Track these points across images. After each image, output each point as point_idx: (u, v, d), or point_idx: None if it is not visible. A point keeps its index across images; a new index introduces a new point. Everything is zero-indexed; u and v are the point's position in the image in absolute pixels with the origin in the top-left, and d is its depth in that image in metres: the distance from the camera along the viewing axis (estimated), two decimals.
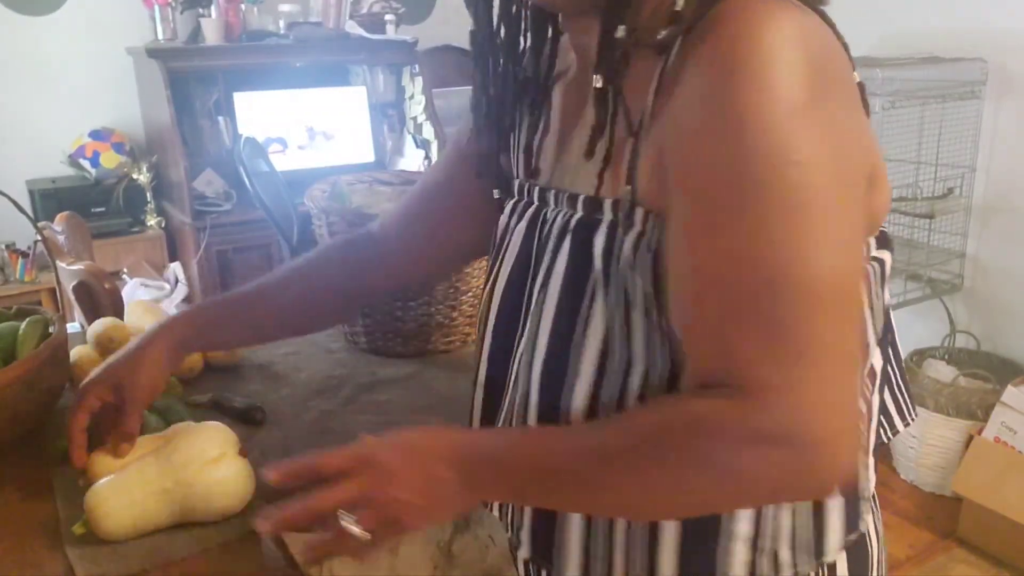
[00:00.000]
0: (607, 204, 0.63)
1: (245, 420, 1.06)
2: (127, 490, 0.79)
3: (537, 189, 0.72)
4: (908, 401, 0.78)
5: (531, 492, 0.62)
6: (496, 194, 0.78)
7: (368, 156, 3.44)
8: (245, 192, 2.75)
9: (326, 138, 3.35)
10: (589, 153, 0.64)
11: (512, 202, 0.76)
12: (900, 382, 0.76)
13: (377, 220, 0.98)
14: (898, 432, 0.76)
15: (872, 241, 0.66)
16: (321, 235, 1.28)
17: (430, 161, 3.36)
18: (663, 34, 0.58)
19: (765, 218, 0.52)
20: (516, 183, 0.76)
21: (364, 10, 3.33)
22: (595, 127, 0.63)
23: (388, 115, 3.55)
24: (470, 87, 0.78)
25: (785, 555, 0.64)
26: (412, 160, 3.44)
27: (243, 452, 0.84)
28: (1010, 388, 2.29)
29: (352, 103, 3.42)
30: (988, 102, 2.49)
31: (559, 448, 0.60)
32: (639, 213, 0.60)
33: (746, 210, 0.53)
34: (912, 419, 0.78)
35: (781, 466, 0.52)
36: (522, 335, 0.70)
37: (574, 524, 0.67)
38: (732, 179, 0.53)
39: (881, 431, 0.74)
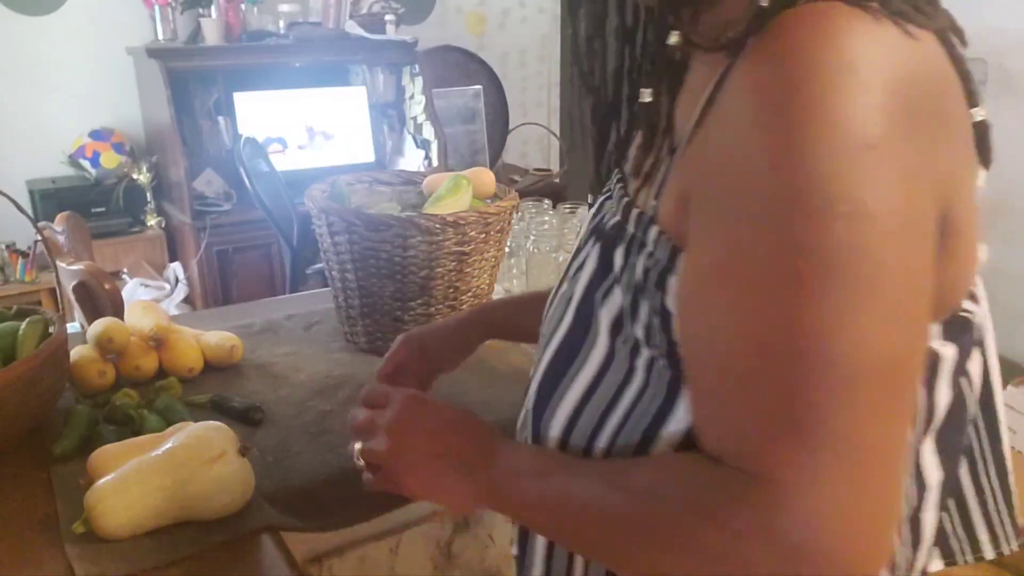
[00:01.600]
0: (633, 215, 0.59)
1: (244, 420, 1.06)
2: (127, 489, 0.79)
3: (619, 183, 0.69)
4: (1005, 525, 0.65)
5: (526, 521, 0.62)
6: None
7: (368, 156, 3.44)
8: (245, 192, 2.76)
9: (326, 138, 3.35)
10: (636, 170, 0.59)
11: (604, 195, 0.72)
12: (998, 501, 0.64)
13: None
14: (983, 559, 0.64)
15: (933, 327, 0.54)
16: (321, 235, 1.28)
17: (430, 161, 3.37)
18: (721, 42, 0.50)
19: (798, 279, 0.44)
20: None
21: (364, 10, 3.33)
22: (641, 144, 0.58)
23: (388, 115, 3.55)
24: (470, 87, 0.76)
25: None
26: (412, 160, 3.44)
27: (244, 450, 0.84)
28: (1010, 388, 2.29)
29: (352, 103, 3.42)
30: (988, 102, 2.49)
31: (561, 488, 0.57)
32: (653, 232, 0.55)
33: (775, 267, 0.45)
34: (1008, 548, 0.64)
35: (788, 573, 0.45)
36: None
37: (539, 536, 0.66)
38: (764, 227, 0.45)
39: (958, 550, 0.64)
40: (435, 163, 3.33)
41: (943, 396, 0.57)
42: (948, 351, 0.55)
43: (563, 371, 0.62)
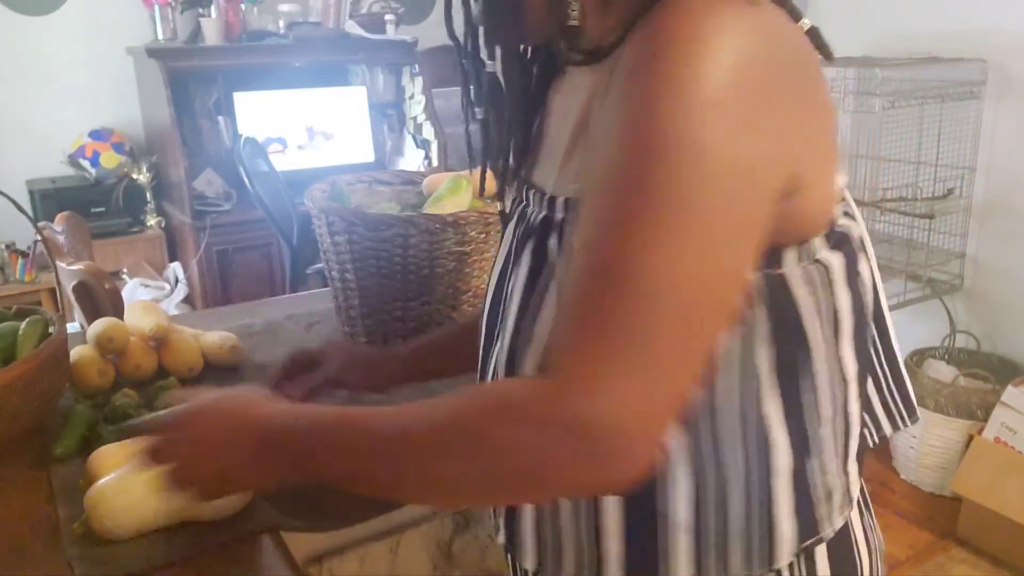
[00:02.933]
0: (559, 202, 0.64)
1: None
2: (126, 489, 0.79)
3: (527, 188, 0.74)
4: (900, 405, 0.75)
5: (320, 471, 0.62)
6: (500, 205, 0.79)
7: (368, 156, 3.44)
8: (245, 192, 2.76)
9: (326, 138, 3.35)
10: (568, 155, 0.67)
11: (513, 203, 0.77)
12: (891, 385, 0.74)
13: None
14: (884, 436, 0.75)
15: (816, 242, 0.61)
16: (321, 235, 1.28)
17: (430, 161, 3.37)
18: (603, 51, 0.60)
19: (622, 210, 0.52)
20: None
21: (364, 10, 3.33)
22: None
23: (388, 115, 3.55)
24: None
25: (736, 556, 0.63)
26: (412, 160, 3.44)
27: None
28: (1010, 388, 2.29)
29: (352, 103, 3.42)
30: (988, 102, 2.49)
31: (359, 427, 0.60)
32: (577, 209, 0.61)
33: (608, 200, 0.53)
34: (904, 424, 0.76)
35: (569, 452, 0.51)
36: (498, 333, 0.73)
37: (526, 511, 0.68)
38: (609, 171, 0.53)
39: (867, 433, 0.74)
40: (435, 163, 3.33)
41: (843, 299, 0.63)
42: (836, 259, 0.62)
43: (520, 350, 0.66)
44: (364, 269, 1.24)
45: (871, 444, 0.75)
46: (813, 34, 0.59)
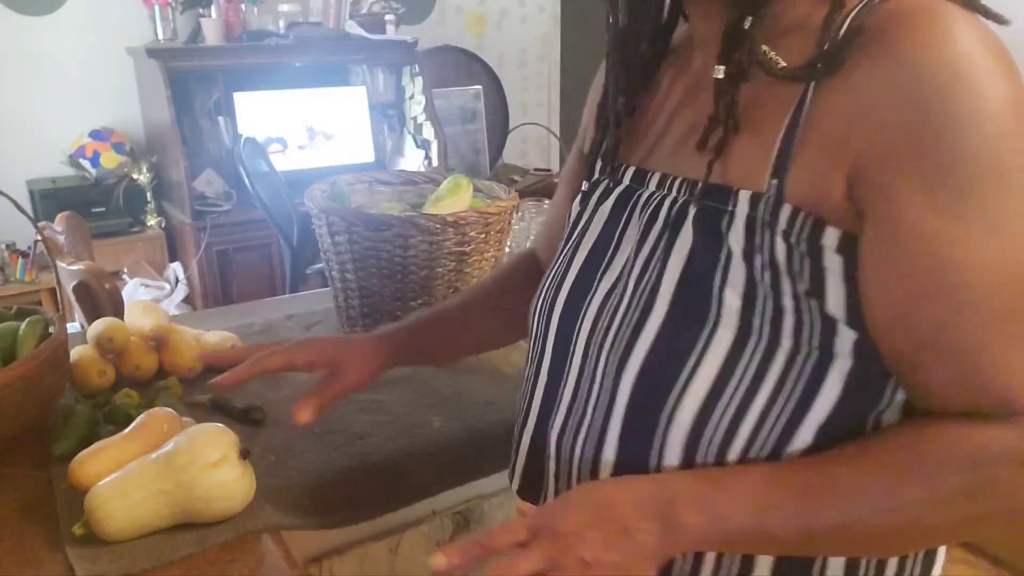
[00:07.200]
0: (743, 196, 0.59)
1: (245, 420, 1.06)
2: (127, 492, 0.79)
3: (632, 170, 0.69)
4: None
5: (752, 535, 0.57)
6: (585, 186, 0.75)
7: (368, 156, 3.45)
8: (245, 192, 2.76)
9: (326, 138, 3.35)
10: (702, 144, 0.62)
11: (595, 181, 0.73)
12: None
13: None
14: None
15: None
16: (321, 235, 1.28)
17: (430, 161, 3.37)
18: (832, 36, 0.56)
19: None
20: (600, 164, 0.74)
21: (364, 10, 3.34)
22: (712, 118, 0.61)
23: (388, 115, 3.55)
24: (470, 87, 0.77)
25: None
26: (412, 160, 3.44)
27: (244, 453, 0.84)
28: None
29: (352, 103, 3.42)
30: None
31: (789, 484, 0.56)
32: (786, 210, 0.57)
33: (1007, 215, 0.51)
34: None
35: None
36: (581, 322, 0.68)
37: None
38: (996, 186, 0.51)
39: None
40: (435, 163, 3.33)
41: None
42: None
43: (675, 363, 0.60)
44: (364, 269, 1.24)
45: None
46: None
